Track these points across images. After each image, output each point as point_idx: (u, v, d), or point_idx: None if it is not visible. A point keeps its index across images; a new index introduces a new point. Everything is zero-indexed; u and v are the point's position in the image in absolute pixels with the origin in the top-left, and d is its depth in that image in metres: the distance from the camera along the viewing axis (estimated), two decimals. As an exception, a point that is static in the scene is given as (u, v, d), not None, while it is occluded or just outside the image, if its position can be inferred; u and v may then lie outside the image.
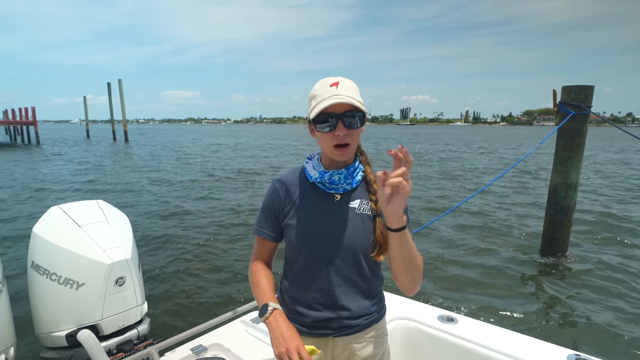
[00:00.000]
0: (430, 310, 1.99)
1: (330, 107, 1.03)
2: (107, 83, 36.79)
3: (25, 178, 12.55)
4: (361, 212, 1.13)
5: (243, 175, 13.44)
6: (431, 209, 8.34)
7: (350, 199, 1.14)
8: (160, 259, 5.20)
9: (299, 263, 1.16)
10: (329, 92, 1.03)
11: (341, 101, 1.01)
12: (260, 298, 1.12)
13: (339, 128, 1.04)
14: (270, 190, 1.20)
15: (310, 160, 1.21)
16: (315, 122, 1.07)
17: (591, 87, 4.55)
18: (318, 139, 1.11)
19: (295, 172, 1.22)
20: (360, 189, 1.16)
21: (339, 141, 1.06)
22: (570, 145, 4.67)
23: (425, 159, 19.83)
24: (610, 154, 23.68)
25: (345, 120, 1.04)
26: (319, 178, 1.14)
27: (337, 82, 1.05)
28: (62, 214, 1.96)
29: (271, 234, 1.19)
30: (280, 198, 1.17)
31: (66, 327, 1.87)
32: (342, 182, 1.13)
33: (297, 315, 1.18)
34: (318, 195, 1.15)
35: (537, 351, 1.63)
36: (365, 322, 1.17)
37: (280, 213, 1.18)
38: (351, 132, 1.06)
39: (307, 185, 1.17)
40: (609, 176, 13.45)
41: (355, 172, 1.15)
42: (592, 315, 3.72)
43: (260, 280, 1.17)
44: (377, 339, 1.21)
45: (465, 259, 5.25)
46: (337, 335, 1.16)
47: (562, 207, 4.86)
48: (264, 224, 1.20)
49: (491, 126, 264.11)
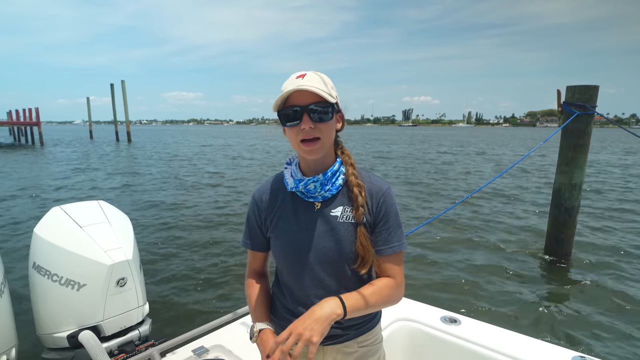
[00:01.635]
0: (433, 312, 1.97)
1: (294, 99, 0.97)
2: (110, 84, 36.95)
3: (28, 178, 12.62)
4: (344, 221, 1.05)
5: (248, 177, 13.45)
6: (431, 208, 8.32)
7: (331, 207, 1.06)
8: (162, 259, 5.20)
9: (284, 274, 1.13)
10: (294, 84, 0.96)
11: (302, 88, 0.94)
12: (252, 317, 1.13)
13: (304, 121, 0.96)
14: (251, 203, 1.16)
15: (289, 165, 1.14)
16: (279, 116, 1.01)
17: (596, 87, 4.52)
18: (288, 136, 1.03)
19: (275, 180, 1.15)
20: (342, 195, 1.07)
21: (305, 135, 0.98)
22: (575, 145, 4.64)
23: (426, 159, 19.80)
24: (616, 156, 23.54)
25: (311, 113, 0.96)
26: (294, 187, 1.07)
27: (304, 74, 0.99)
28: (63, 215, 1.96)
29: (257, 245, 1.16)
30: (260, 210, 1.13)
31: (67, 328, 1.87)
32: (319, 190, 1.05)
33: (285, 322, 1.12)
34: (297, 205, 1.08)
35: (541, 353, 1.61)
36: (357, 331, 1.12)
37: (262, 225, 1.13)
38: (320, 125, 0.98)
39: (286, 194, 1.10)
40: (612, 176, 13.37)
41: (334, 176, 1.06)
42: (596, 317, 3.69)
43: (251, 298, 1.16)
44: (369, 346, 1.16)
45: (468, 259, 5.22)
46: (327, 344, 1.11)
47: (566, 207, 4.82)
48: (250, 236, 1.16)
49: (494, 127, 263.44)
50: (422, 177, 13.44)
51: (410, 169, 15.97)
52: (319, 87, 0.96)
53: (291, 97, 0.98)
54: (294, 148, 1.04)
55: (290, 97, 0.98)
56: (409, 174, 14.15)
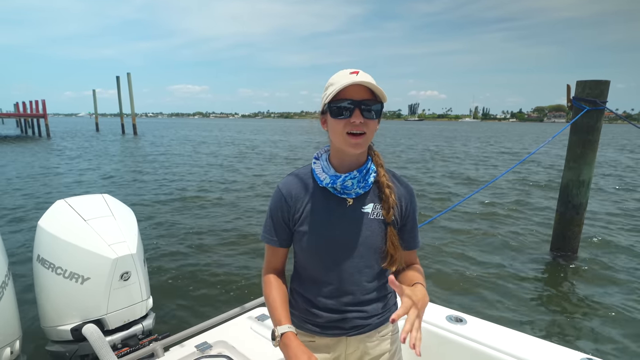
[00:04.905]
0: (438, 311, 1.95)
1: (350, 92, 0.98)
2: (116, 77, 36.95)
3: (34, 170, 12.70)
4: (375, 217, 1.10)
5: (255, 171, 13.45)
6: (437, 203, 8.27)
7: (363, 203, 1.10)
8: (166, 253, 5.21)
9: (310, 267, 1.14)
10: (349, 78, 0.98)
11: (362, 81, 0.96)
12: (273, 319, 1.09)
13: (355, 115, 0.99)
14: (276, 197, 1.14)
15: (317, 160, 1.15)
16: (330, 108, 1.02)
17: (607, 82, 4.43)
18: (330, 128, 1.05)
19: (303, 175, 1.15)
20: (372, 192, 1.12)
21: (353, 128, 1.00)
22: (584, 141, 4.57)
23: (435, 157, 19.68)
24: (625, 153, 23.27)
25: (363, 108, 0.99)
26: (330, 183, 1.08)
27: (358, 71, 1.01)
28: (67, 208, 1.95)
29: (281, 241, 1.15)
30: (288, 205, 1.12)
31: (71, 321, 1.87)
32: (355, 187, 1.08)
33: (309, 315, 1.17)
34: (329, 200, 1.10)
35: (548, 354, 1.58)
36: (378, 321, 1.17)
37: (290, 220, 1.13)
38: (368, 122, 1.01)
39: (317, 189, 1.12)
40: (621, 174, 13.22)
41: (367, 174, 1.10)
42: (605, 317, 3.64)
43: (271, 296, 1.13)
44: (390, 336, 1.21)
45: (474, 257, 5.18)
46: (350, 335, 1.15)
47: (573, 204, 4.76)
48: (273, 231, 1.14)
49: (500, 122, 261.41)
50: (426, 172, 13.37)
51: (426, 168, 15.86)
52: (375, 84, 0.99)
53: (344, 92, 0.99)
54: (336, 140, 1.05)
55: (342, 91, 0.99)
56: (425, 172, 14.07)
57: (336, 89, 0.98)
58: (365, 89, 1.00)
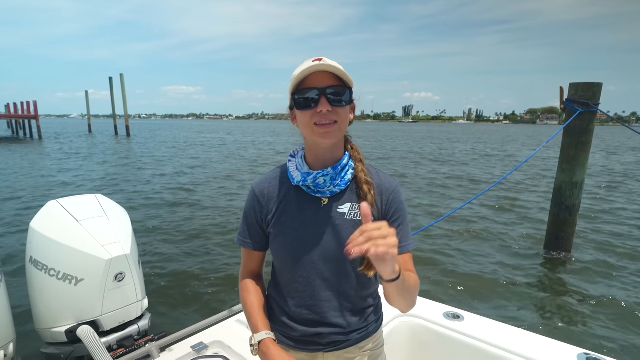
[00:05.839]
0: (435, 307, 1.96)
1: (313, 80, 0.92)
2: (109, 78, 36.63)
3: (25, 172, 12.55)
4: (352, 218, 1.00)
5: (251, 170, 13.42)
6: (434, 212, 8.31)
7: (339, 203, 1.01)
8: (161, 254, 5.18)
9: (285, 274, 1.06)
10: (311, 66, 0.91)
11: (322, 68, 0.90)
12: (250, 326, 1.04)
13: (322, 103, 0.91)
14: (250, 197, 1.08)
15: (293, 158, 1.07)
16: (295, 100, 0.95)
17: (599, 84, 4.49)
18: (299, 122, 0.98)
19: (277, 173, 1.09)
20: (350, 191, 1.02)
21: (322, 118, 0.92)
22: (577, 143, 4.61)
23: (432, 158, 19.78)
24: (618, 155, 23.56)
25: (329, 95, 0.91)
26: (301, 181, 1.00)
27: (321, 58, 0.94)
28: (59, 209, 1.94)
29: (255, 244, 1.09)
30: (261, 205, 1.05)
31: (66, 322, 1.85)
32: (329, 185, 1.00)
33: (284, 327, 1.08)
34: (303, 200, 1.02)
35: (546, 350, 1.59)
36: (359, 337, 1.07)
37: (263, 221, 1.06)
38: (337, 109, 0.93)
39: (290, 188, 1.04)
40: (614, 175, 13.38)
41: (344, 170, 1.01)
42: (600, 314, 3.69)
43: (248, 302, 1.08)
44: (372, 351, 1.11)
45: (470, 256, 5.21)
46: (327, 351, 1.06)
47: (567, 206, 4.81)
48: (247, 233, 1.09)
49: (494, 124, 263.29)
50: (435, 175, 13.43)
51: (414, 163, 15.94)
52: (339, 68, 0.92)
53: (307, 81, 0.93)
54: (306, 134, 0.98)
55: (306, 80, 0.93)
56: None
57: (298, 78, 0.92)
58: (330, 75, 0.92)
